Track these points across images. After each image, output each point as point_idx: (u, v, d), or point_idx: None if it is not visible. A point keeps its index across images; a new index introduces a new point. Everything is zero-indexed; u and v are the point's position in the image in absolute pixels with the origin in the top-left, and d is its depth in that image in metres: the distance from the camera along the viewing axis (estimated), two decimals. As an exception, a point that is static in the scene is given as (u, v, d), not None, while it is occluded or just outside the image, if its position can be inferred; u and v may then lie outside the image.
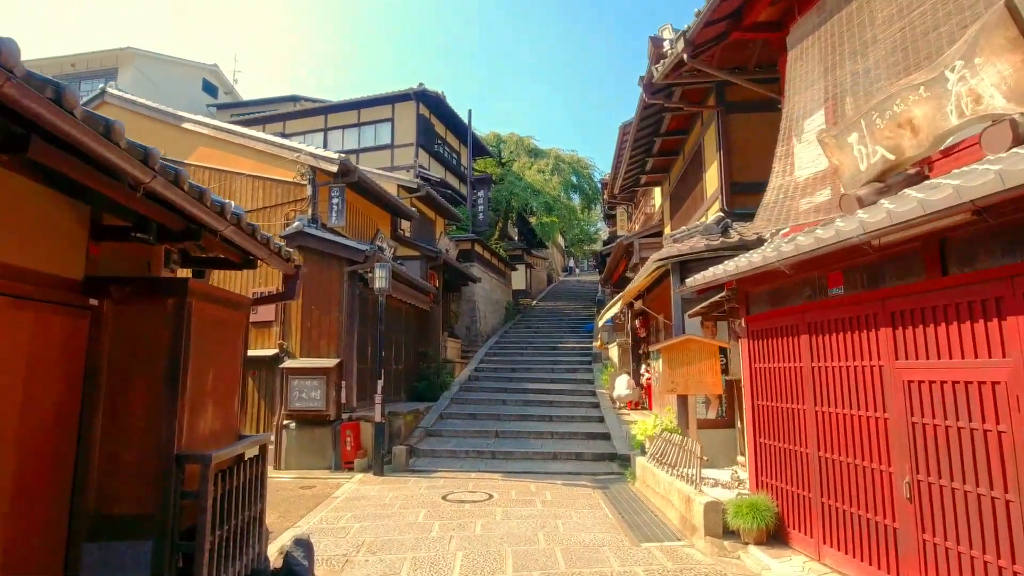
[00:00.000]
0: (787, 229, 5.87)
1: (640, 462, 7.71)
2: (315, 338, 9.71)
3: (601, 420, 11.21)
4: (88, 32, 66.81)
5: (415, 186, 15.09)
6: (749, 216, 8.29)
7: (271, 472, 9.06)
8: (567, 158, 27.12)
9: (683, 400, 7.80)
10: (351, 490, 7.71)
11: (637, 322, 12.60)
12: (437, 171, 20.85)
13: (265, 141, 10.52)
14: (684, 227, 8.44)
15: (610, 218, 24.95)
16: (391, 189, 14.04)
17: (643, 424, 8.02)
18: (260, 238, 3.71)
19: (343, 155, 9.71)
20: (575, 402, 12.39)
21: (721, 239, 7.44)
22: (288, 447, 9.36)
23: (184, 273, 4.58)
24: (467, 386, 13.78)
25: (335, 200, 9.86)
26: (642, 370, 12.13)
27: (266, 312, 10.07)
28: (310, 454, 9.29)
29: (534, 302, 28.98)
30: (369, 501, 7.04)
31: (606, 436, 10.29)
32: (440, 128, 22.47)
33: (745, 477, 6.50)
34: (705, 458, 5.98)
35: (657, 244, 13.30)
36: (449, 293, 18.87)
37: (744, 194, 8.45)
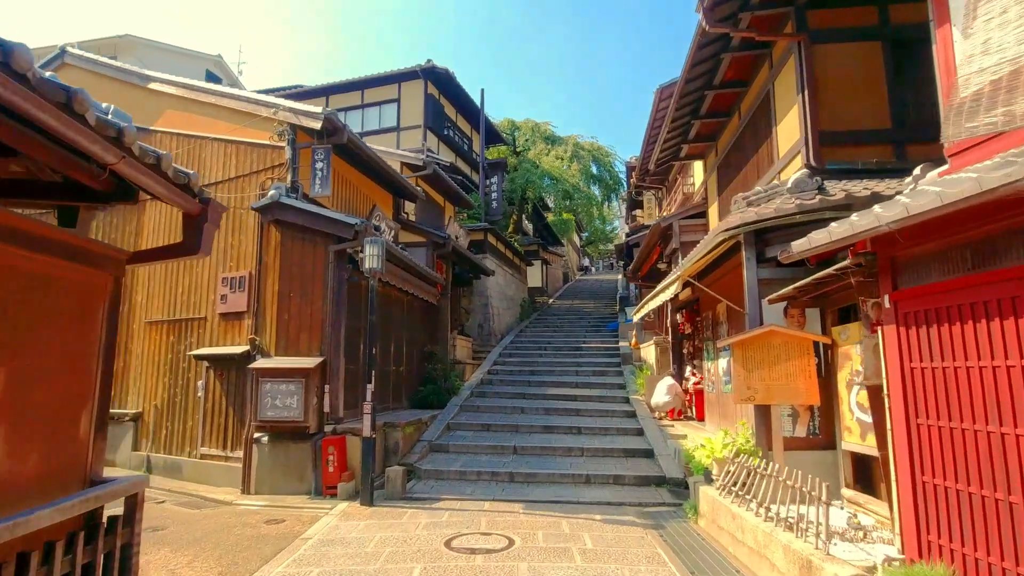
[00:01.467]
0: (946, 167, 4.00)
1: (707, 494, 5.84)
2: (293, 332, 7.96)
3: (640, 433, 9.32)
4: (88, 20, 66.18)
5: (420, 163, 13.34)
6: (844, 173, 6.42)
7: (238, 498, 7.31)
8: (587, 146, 25.24)
9: (763, 412, 5.92)
10: (327, 528, 5.92)
11: (680, 316, 10.71)
12: (447, 156, 19.13)
13: (238, 97, 8.83)
14: (759, 188, 6.56)
15: (636, 207, 23.03)
16: (394, 167, 12.28)
17: (708, 442, 6.14)
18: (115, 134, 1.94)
19: (328, 110, 7.96)
20: (606, 411, 10.52)
21: (819, 197, 5.55)
22: (259, 467, 7.60)
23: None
24: (479, 391, 11.97)
25: (319, 165, 8.12)
26: (687, 373, 10.23)
27: (237, 301, 8.34)
28: (285, 476, 7.53)
29: (551, 300, 27.13)
30: (347, 548, 5.24)
31: (648, 453, 8.41)
32: (450, 111, 20.75)
33: (869, 523, 4.62)
34: (824, 499, 4.10)
35: (701, 227, 11.42)
36: (459, 288, 17.10)
37: (837, 146, 6.57)
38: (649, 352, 11.93)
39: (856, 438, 5.19)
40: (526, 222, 28.85)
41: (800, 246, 4.23)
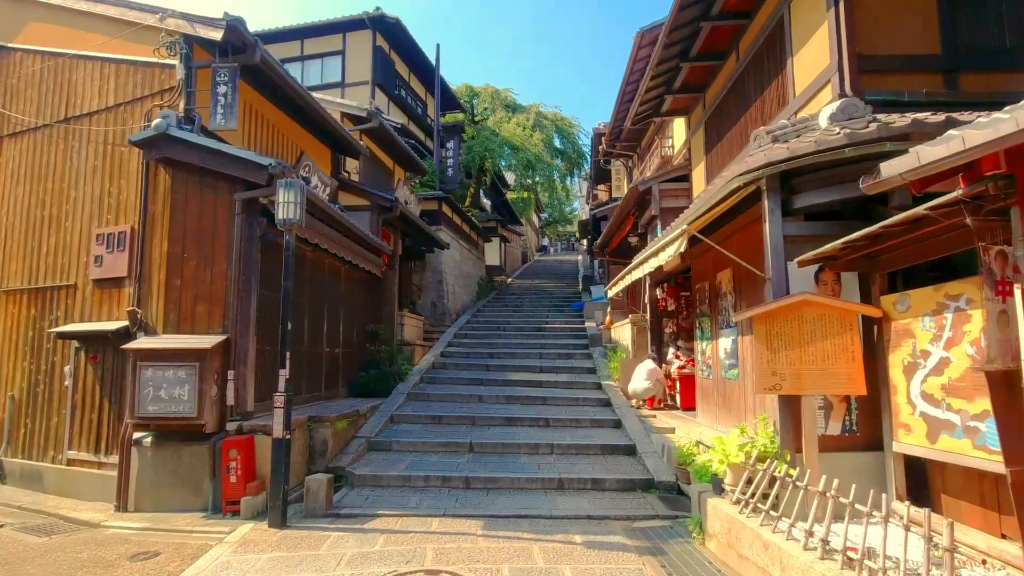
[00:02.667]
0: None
1: (719, 509, 4.54)
2: (188, 304, 6.20)
3: (618, 425, 8.03)
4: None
5: (364, 115, 11.53)
6: (885, 106, 5.15)
7: (110, 518, 5.60)
8: (550, 115, 23.70)
9: (790, 405, 4.66)
10: (214, 568, 4.31)
11: (660, 291, 9.43)
12: (398, 118, 17.26)
13: (118, 2, 6.82)
14: (784, 122, 5.23)
15: (602, 180, 21.77)
16: (333, 117, 10.43)
17: (720, 443, 4.83)
18: None
19: (233, 16, 6.13)
20: (577, 399, 9.18)
21: (876, 124, 4.24)
22: (140, 476, 5.87)
23: None
24: (431, 376, 10.43)
25: (222, 90, 6.30)
26: (669, 355, 8.98)
27: (115, 264, 6.49)
28: (174, 488, 5.83)
29: (510, 279, 25.70)
30: (233, 603, 3.66)
31: (630, 450, 7.11)
32: (402, 69, 18.81)
33: (945, 543, 3.40)
34: (940, 547, 2.82)
35: (683, 192, 10.14)
36: (411, 262, 15.43)
37: (876, 73, 5.29)
38: (624, 332, 10.67)
39: (918, 438, 3.97)
40: (484, 198, 27.23)
41: (903, 164, 2.87)
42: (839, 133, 4.32)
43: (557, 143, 24.20)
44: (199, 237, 6.24)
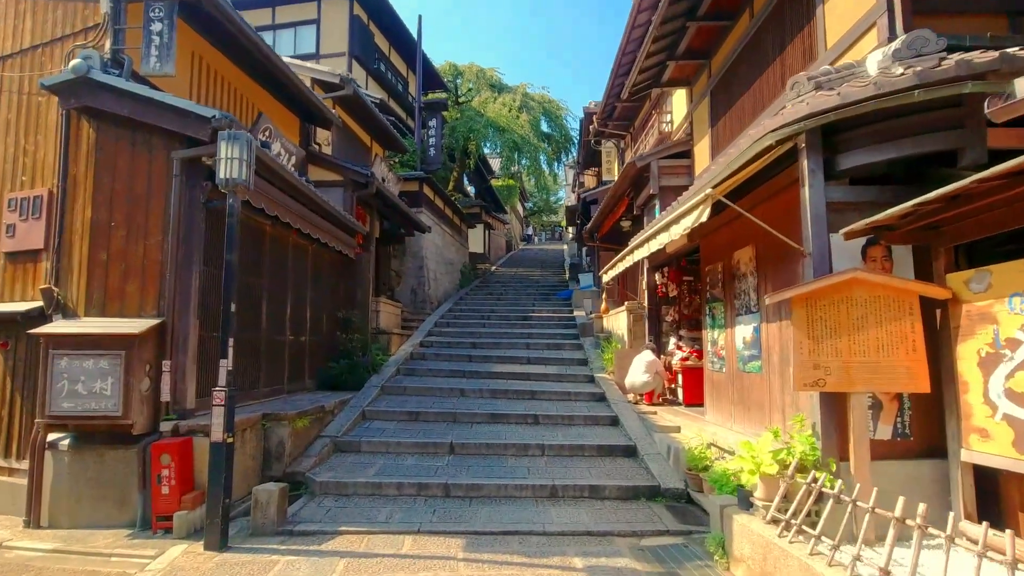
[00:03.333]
0: None
1: (749, 528, 3.76)
2: (116, 282, 5.23)
3: (615, 423, 7.25)
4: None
5: (336, 81, 10.52)
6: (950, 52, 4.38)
7: (16, 536, 4.68)
8: (537, 97, 22.75)
9: (834, 404, 3.89)
10: (123, 608, 3.42)
11: (660, 275, 8.66)
12: (377, 93, 16.20)
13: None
14: (828, 67, 4.43)
15: (590, 166, 20.92)
16: (302, 81, 9.42)
17: (749, 448, 4.05)
18: None
19: (169, -63, 5.13)
20: (568, 393, 8.37)
21: (956, 60, 3.45)
22: (55, 486, 4.92)
23: None
24: (409, 367, 9.55)
25: (156, 28, 5.31)
26: (671, 345, 8.23)
27: (30, 234, 5.50)
28: (96, 500, 4.90)
29: (494, 267, 24.87)
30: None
31: (630, 451, 6.34)
32: (382, 42, 17.71)
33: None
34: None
35: (684, 169, 9.35)
36: (389, 245, 14.50)
37: (930, 15, 4.51)
38: (618, 321, 9.88)
39: (1000, 446, 3.24)
40: (468, 184, 26.27)
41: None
42: (904, 73, 3.53)
43: (544, 127, 23.29)
44: (130, 203, 5.27)
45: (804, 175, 4.09)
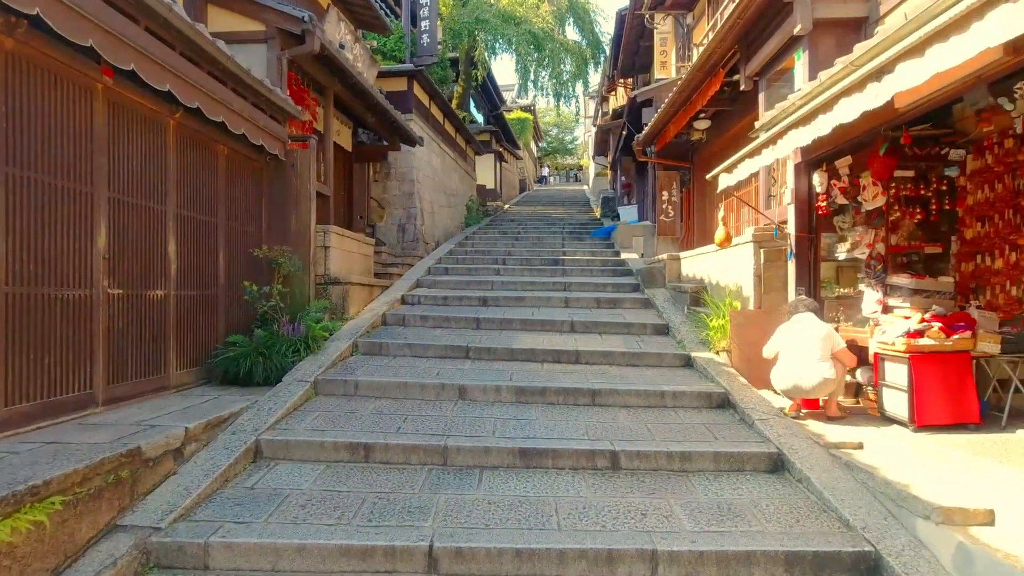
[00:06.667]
0: None
1: None
2: None
3: (778, 469, 3.44)
4: None
5: None
6: None
7: None
8: (560, -12, 18.00)
9: None
10: None
11: (820, 178, 4.66)
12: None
13: None
14: None
15: (628, 76, 16.47)
16: None
17: None
18: None
19: None
20: (658, 394, 4.50)
21: None
22: None
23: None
24: (372, 341, 5.70)
25: None
26: (870, 306, 4.30)
27: None
28: None
29: (507, 206, 20.87)
30: None
31: (869, 567, 2.54)
32: None
33: None
34: None
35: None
36: (368, 166, 10.55)
37: None
38: (730, 262, 5.84)
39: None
40: (475, 111, 21.81)
41: None
42: None
43: (571, 30, 18.60)
44: None
45: None
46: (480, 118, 22.84)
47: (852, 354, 4.07)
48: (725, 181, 4.81)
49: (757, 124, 5.00)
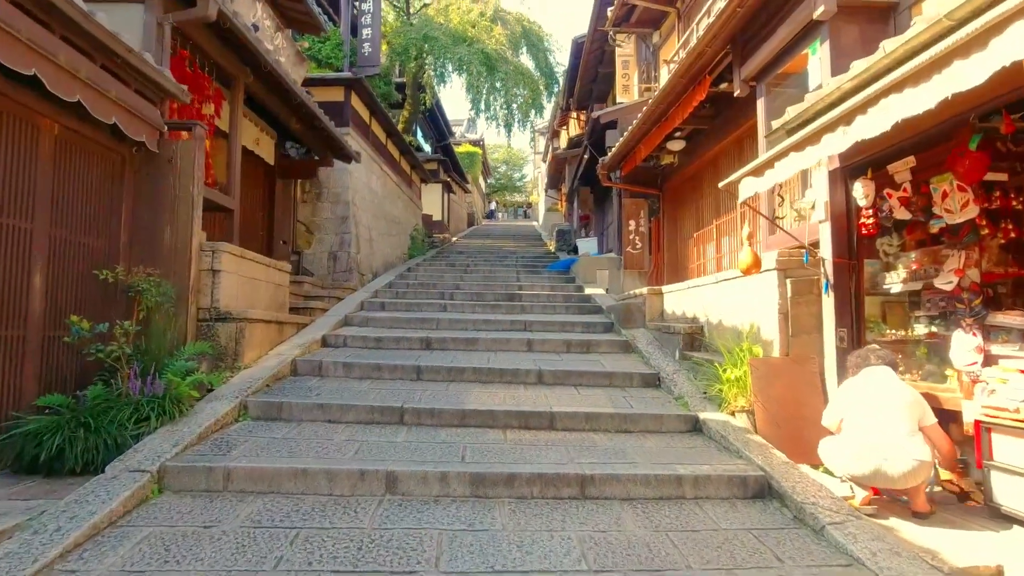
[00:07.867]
0: None
1: None
2: None
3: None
4: None
5: None
6: None
7: None
8: (515, 15, 17.34)
9: None
10: None
11: (864, 188, 3.57)
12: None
13: None
14: None
15: (583, 107, 15.76)
16: None
17: None
18: None
19: None
20: (673, 479, 3.19)
21: None
22: None
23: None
24: (270, 400, 4.13)
25: None
26: (960, 354, 3.13)
27: None
28: None
29: (455, 238, 19.59)
30: None
31: None
32: None
33: None
34: None
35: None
36: (295, 183, 9.08)
37: None
38: (756, 294, 4.65)
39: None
40: (422, 141, 20.67)
41: None
42: None
43: (524, 59, 17.81)
44: None
45: None
46: (428, 148, 21.71)
47: (947, 436, 2.91)
48: (750, 188, 3.68)
49: (782, 119, 3.94)
